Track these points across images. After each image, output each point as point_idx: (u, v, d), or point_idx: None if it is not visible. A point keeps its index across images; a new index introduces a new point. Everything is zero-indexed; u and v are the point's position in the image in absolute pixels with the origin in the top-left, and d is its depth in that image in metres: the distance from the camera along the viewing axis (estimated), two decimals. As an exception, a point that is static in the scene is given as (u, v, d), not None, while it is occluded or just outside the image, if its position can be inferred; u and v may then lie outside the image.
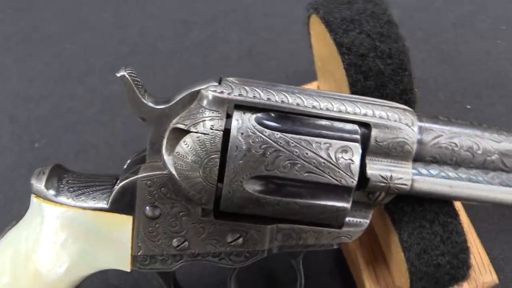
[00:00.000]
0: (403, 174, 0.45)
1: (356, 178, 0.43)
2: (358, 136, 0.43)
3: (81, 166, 0.71)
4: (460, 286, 0.49)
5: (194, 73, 0.78)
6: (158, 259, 0.47)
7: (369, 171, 0.44)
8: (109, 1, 0.87)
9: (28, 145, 0.74)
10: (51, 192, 0.45)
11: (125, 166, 0.49)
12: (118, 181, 0.45)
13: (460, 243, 0.47)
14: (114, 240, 0.46)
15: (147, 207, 0.44)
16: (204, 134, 0.42)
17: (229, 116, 0.42)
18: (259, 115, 0.43)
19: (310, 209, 0.44)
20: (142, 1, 0.87)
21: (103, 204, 0.45)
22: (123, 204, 0.45)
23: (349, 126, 0.44)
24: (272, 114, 0.43)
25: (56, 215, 0.45)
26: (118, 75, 0.43)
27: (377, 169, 0.44)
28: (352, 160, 0.43)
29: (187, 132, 0.42)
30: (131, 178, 0.44)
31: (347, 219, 0.46)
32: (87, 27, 0.84)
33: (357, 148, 0.43)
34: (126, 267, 0.47)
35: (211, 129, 0.42)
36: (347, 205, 0.44)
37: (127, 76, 0.43)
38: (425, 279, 0.48)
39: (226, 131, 0.42)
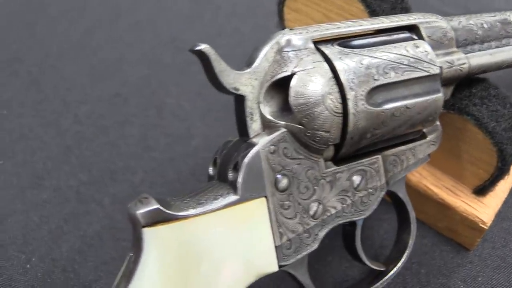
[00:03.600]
0: (458, 55, 0.49)
1: (438, 65, 0.46)
2: (416, 36, 0.48)
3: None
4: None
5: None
6: (300, 239, 0.41)
7: (437, 62, 0.47)
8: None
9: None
10: (169, 209, 0.37)
11: (210, 170, 0.43)
12: (229, 174, 0.40)
13: None
14: (253, 236, 0.39)
15: (276, 178, 0.40)
16: (310, 68, 0.40)
17: None
18: (339, 42, 0.44)
19: (415, 109, 0.45)
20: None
21: (232, 197, 0.39)
22: (252, 186, 0.39)
23: (405, 32, 0.47)
24: (347, 39, 0.44)
25: (187, 233, 0.37)
26: (199, 48, 0.39)
27: (440, 58, 0.48)
28: (426, 51, 0.46)
29: (288, 79, 0.40)
30: (251, 153, 0.39)
31: (424, 129, 0.48)
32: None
33: (422, 42, 0.46)
34: (273, 265, 0.40)
35: (313, 62, 0.40)
36: (440, 94, 0.46)
37: (210, 48, 0.39)
38: (510, 144, 0.51)
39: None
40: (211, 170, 0.44)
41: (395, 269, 0.50)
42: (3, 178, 0.63)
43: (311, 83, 0.40)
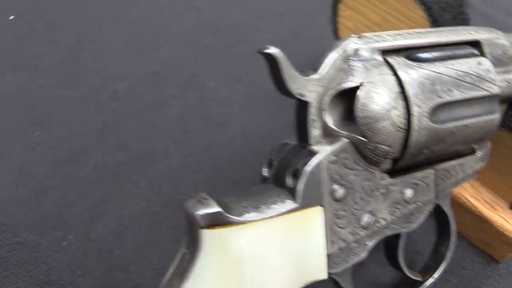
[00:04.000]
0: None
1: (498, 84, 0.45)
2: (478, 52, 0.47)
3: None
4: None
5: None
6: (349, 249, 0.42)
7: (497, 81, 0.46)
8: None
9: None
10: (229, 212, 0.37)
11: (264, 171, 0.43)
12: (287, 180, 0.40)
13: None
14: (308, 243, 0.39)
15: (333, 188, 0.40)
16: (378, 81, 0.40)
17: None
18: (406, 54, 0.43)
19: (473, 128, 0.44)
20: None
21: (290, 204, 0.39)
22: (311, 194, 0.39)
23: (467, 48, 0.46)
24: (413, 51, 0.43)
25: (244, 237, 0.37)
26: (269, 52, 0.38)
27: (499, 77, 0.47)
28: (488, 69, 0.45)
29: (353, 89, 0.39)
30: (313, 161, 0.39)
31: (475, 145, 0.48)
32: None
33: (484, 59, 0.46)
34: (323, 272, 0.41)
35: (380, 74, 0.40)
36: (498, 114, 0.46)
37: (281, 52, 0.38)
38: None
39: None
40: (265, 172, 0.43)
41: (431, 280, 0.50)
42: (39, 150, 0.63)
43: (378, 96, 0.39)
